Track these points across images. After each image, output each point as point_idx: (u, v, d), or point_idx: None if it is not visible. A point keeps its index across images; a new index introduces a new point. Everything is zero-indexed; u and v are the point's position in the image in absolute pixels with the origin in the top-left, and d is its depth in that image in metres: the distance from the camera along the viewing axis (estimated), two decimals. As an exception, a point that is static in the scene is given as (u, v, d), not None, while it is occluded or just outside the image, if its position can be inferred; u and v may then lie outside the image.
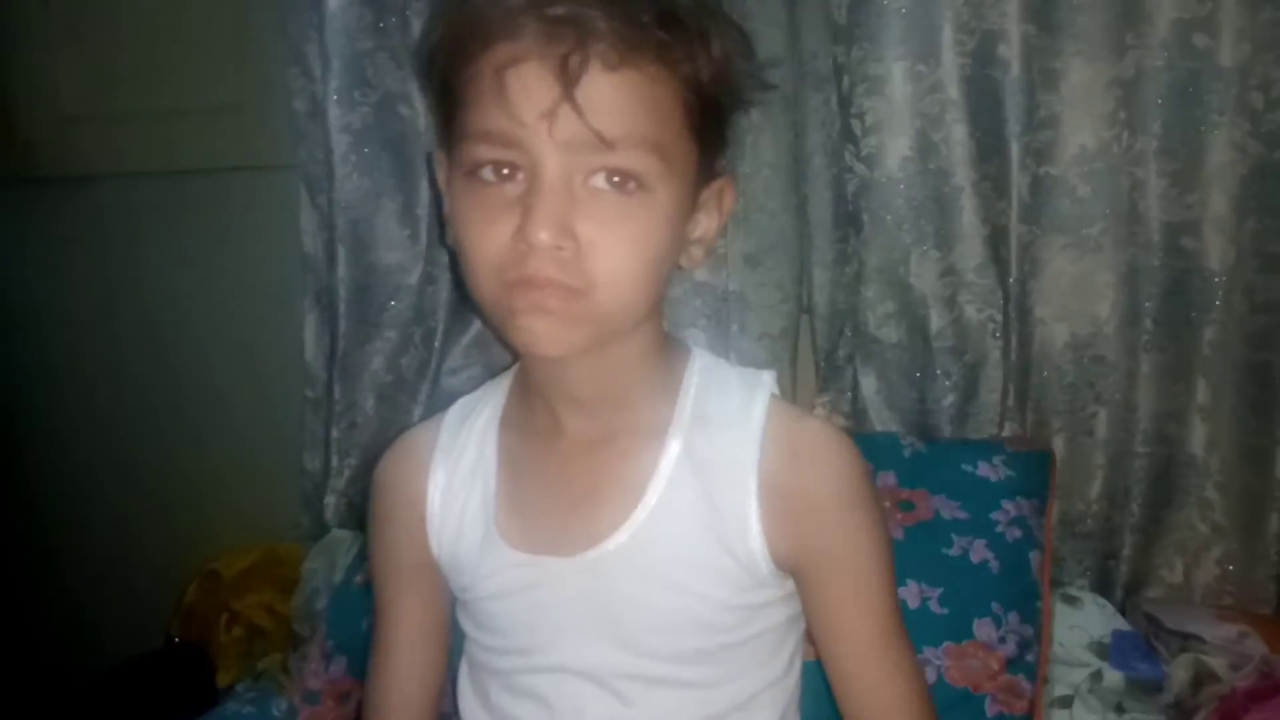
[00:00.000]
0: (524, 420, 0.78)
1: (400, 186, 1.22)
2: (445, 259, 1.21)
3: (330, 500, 1.28)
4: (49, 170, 1.48)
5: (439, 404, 1.21)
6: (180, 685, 1.21)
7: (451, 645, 0.83)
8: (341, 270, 1.23)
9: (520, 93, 0.63)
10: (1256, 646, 0.99)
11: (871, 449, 1.03)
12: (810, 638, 0.78)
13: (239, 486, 1.40)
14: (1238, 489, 1.06)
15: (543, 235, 0.62)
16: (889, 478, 1.01)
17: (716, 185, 0.73)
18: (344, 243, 1.22)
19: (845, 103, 1.07)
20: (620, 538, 0.71)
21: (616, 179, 0.65)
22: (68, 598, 1.51)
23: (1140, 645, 1.01)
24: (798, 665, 0.79)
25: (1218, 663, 0.99)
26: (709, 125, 0.69)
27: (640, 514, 0.71)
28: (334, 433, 1.26)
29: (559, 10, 0.62)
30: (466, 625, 0.80)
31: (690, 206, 0.70)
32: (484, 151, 0.65)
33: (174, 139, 1.40)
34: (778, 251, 1.15)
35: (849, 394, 1.16)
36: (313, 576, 1.21)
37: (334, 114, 1.19)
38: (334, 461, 1.26)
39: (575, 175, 0.64)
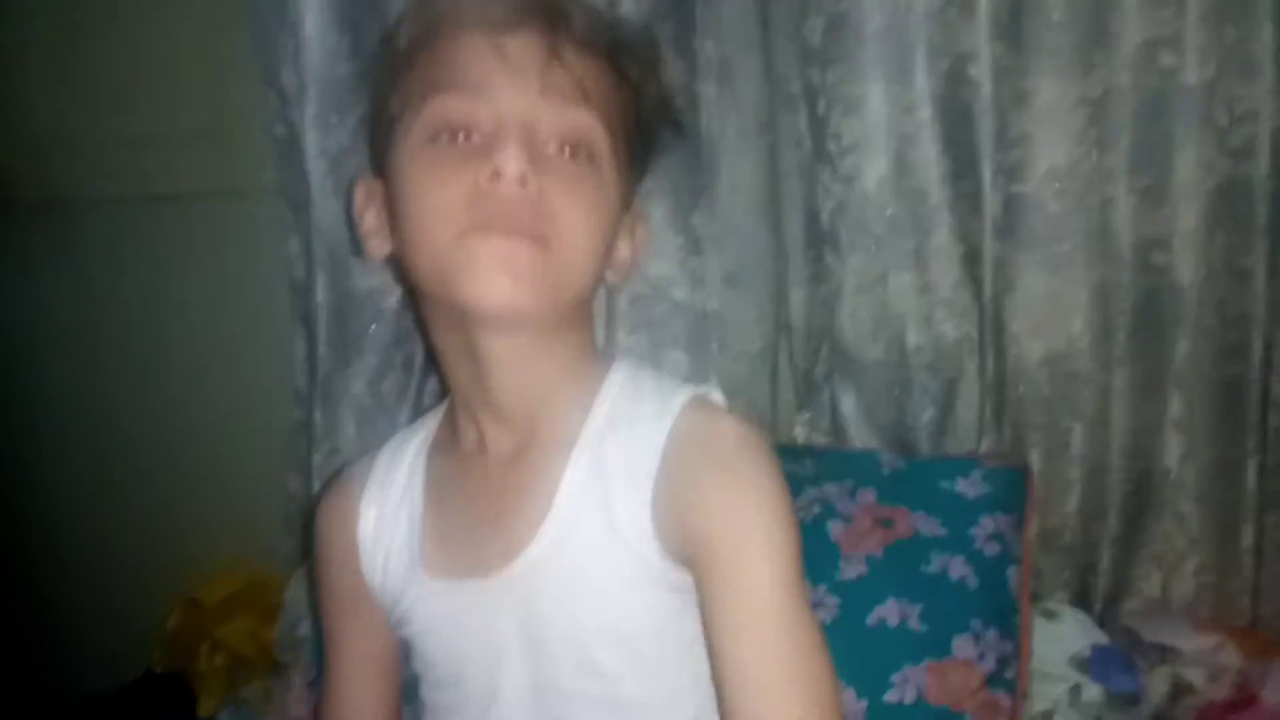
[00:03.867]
0: (451, 442, 0.79)
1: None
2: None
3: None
4: (23, 194, 1.47)
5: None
6: (161, 715, 1.20)
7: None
8: (320, 295, 1.22)
9: (497, 49, 0.66)
10: (1233, 657, 1.00)
11: (852, 466, 1.05)
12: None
13: (220, 512, 1.39)
14: (1212, 502, 1.08)
15: (511, 165, 0.64)
16: (869, 495, 1.01)
17: (633, 214, 0.76)
18: (322, 268, 1.22)
19: (821, 124, 1.08)
20: (533, 552, 0.71)
21: (571, 150, 0.68)
22: (47, 626, 1.50)
23: (1119, 658, 1.02)
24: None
25: (1195, 674, 1.00)
26: (641, 148, 0.74)
27: (550, 526, 0.70)
28: (316, 457, 1.26)
29: (541, 1, 0.69)
30: (415, 665, 0.80)
31: (620, 215, 0.73)
32: (451, 102, 0.67)
33: (149, 164, 1.39)
34: (755, 271, 1.16)
35: (828, 411, 1.17)
36: (295, 604, 1.20)
37: (310, 139, 1.18)
38: (315, 485, 1.26)
39: (537, 127, 0.67)
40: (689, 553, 0.68)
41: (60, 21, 1.41)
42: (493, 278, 0.65)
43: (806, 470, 1.04)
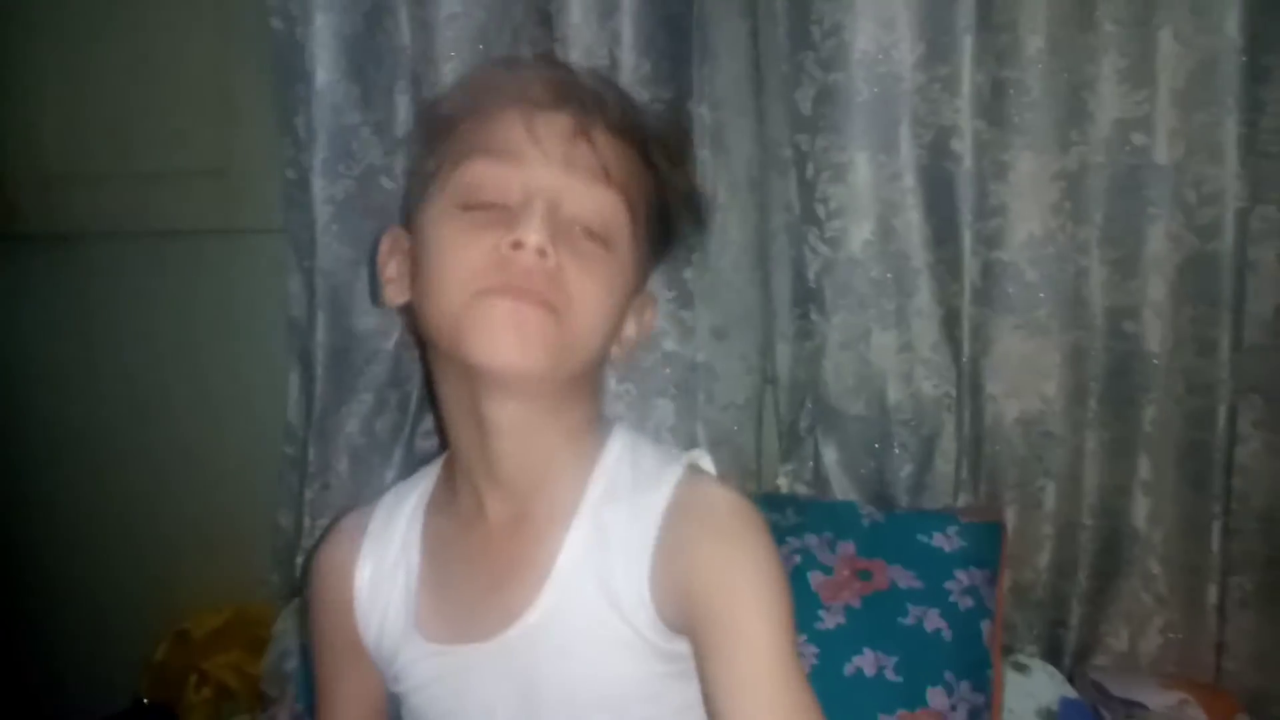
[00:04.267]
0: (449, 504, 0.80)
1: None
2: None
3: (300, 560, 1.29)
4: (34, 229, 1.49)
5: (412, 467, 1.25)
6: (147, 746, 1.21)
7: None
8: (320, 334, 1.25)
9: (531, 125, 0.70)
10: (1196, 715, 1.02)
11: (832, 517, 1.08)
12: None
13: (212, 545, 1.41)
14: (1179, 561, 1.11)
15: (534, 236, 0.67)
16: (848, 547, 1.05)
17: (644, 296, 0.79)
18: (323, 308, 1.25)
19: (810, 188, 1.12)
20: (530, 618, 0.72)
21: (591, 232, 0.71)
22: (38, 654, 1.50)
23: (1086, 713, 1.05)
24: None
25: (1160, 730, 1.03)
26: (660, 234, 0.77)
27: (548, 594, 0.72)
28: (307, 494, 1.28)
29: (572, 79, 0.73)
30: (404, 717, 0.82)
31: (631, 296, 0.76)
32: (482, 168, 0.70)
33: (158, 201, 1.43)
34: (743, 325, 1.19)
35: (811, 463, 1.20)
36: (283, 638, 1.22)
37: (318, 185, 1.22)
38: (306, 522, 1.27)
39: (561, 204, 0.69)
40: (688, 618, 0.70)
41: (72, 59, 1.44)
42: (503, 337, 0.67)
43: (789, 520, 1.07)
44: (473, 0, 1.12)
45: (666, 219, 0.77)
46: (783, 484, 1.22)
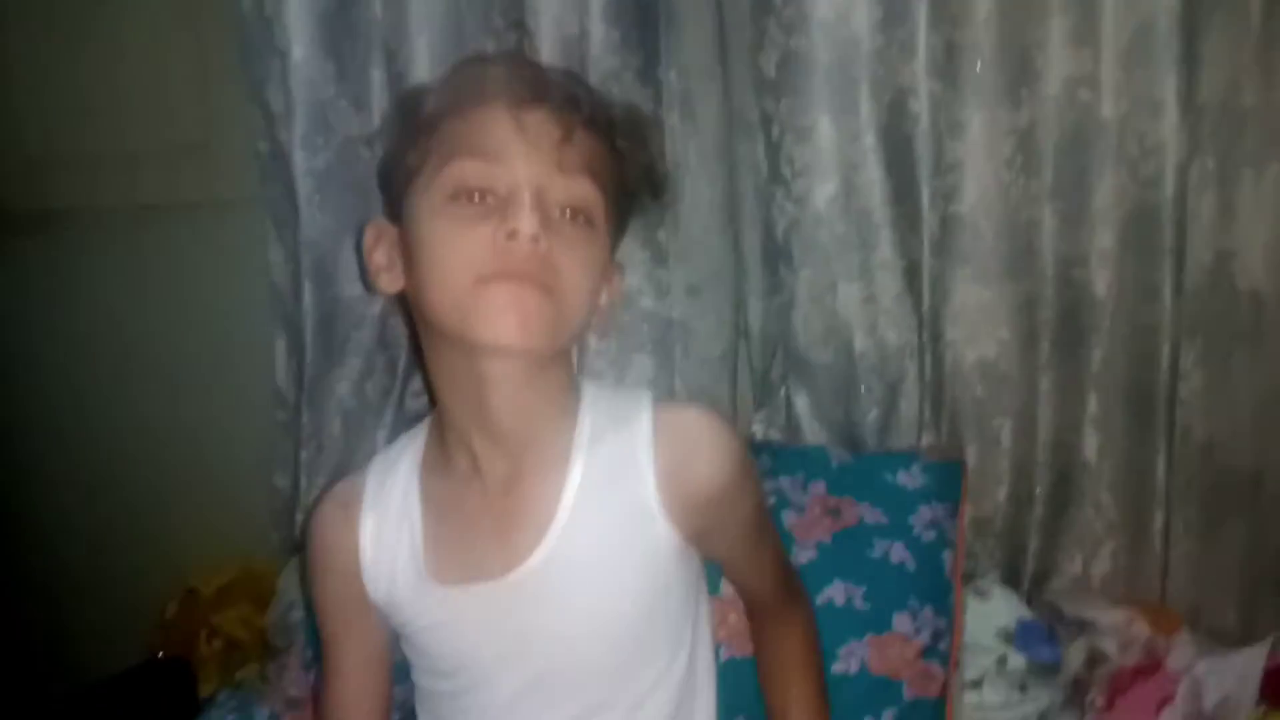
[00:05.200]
0: (443, 464, 0.85)
1: (362, 224, 1.28)
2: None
3: (300, 518, 1.34)
4: (17, 208, 1.51)
5: (402, 427, 1.30)
6: (165, 697, 1.27)
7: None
8: (307, 302, 1.29)
9: (517, 123, 0.75)
10: (1142, 630, 1.10)
11: (804, 461, 1.14)
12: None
13: (212, 507, 1.45)
14: (1127, 491, 1.18)
15: (527, 226, 0.73)
16: (819, 487, 1.11)
17: (612, 266, 0.85)
18: (309, 277, 1.28)
19: (776, 149, 1.16)
20: (539, 556, 0.79)
21: (572, 213, 0.77)
22: (56, 619, 1.55)
23: (1042, 632, 1.12)
24: (703, 659, 0.88)
25: (1109, 645, 1.10)
26: (626, 209, 0.84)
27: (554, 532, 0.79)
28: (303, 455, 1.32)
29: (547, 77, 0.78)
30: (411, 654, 0.88)
31: (606, 268, 0.82)
32: (471, 168, 0.75)
33: (140, 177, 1.45)
34: (716, 282, 1.24)
35: (783, 410, 1.26)
36: (287, 591, 1.27)
37: (298, 158, 1.24)
38: (303, 482, 1.32)
39: (547, 194, 0.75)
40: (703, 529, 0.83)
41: (50, 39, 1.45)
42: (506, 318, 0.73)
43: (763, 464, 1.12)
44: (444, -27, 1.15)
45: (631, 196, 0.84)
46: (757, 431, 1.27)
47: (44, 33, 1.45)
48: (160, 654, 1.38)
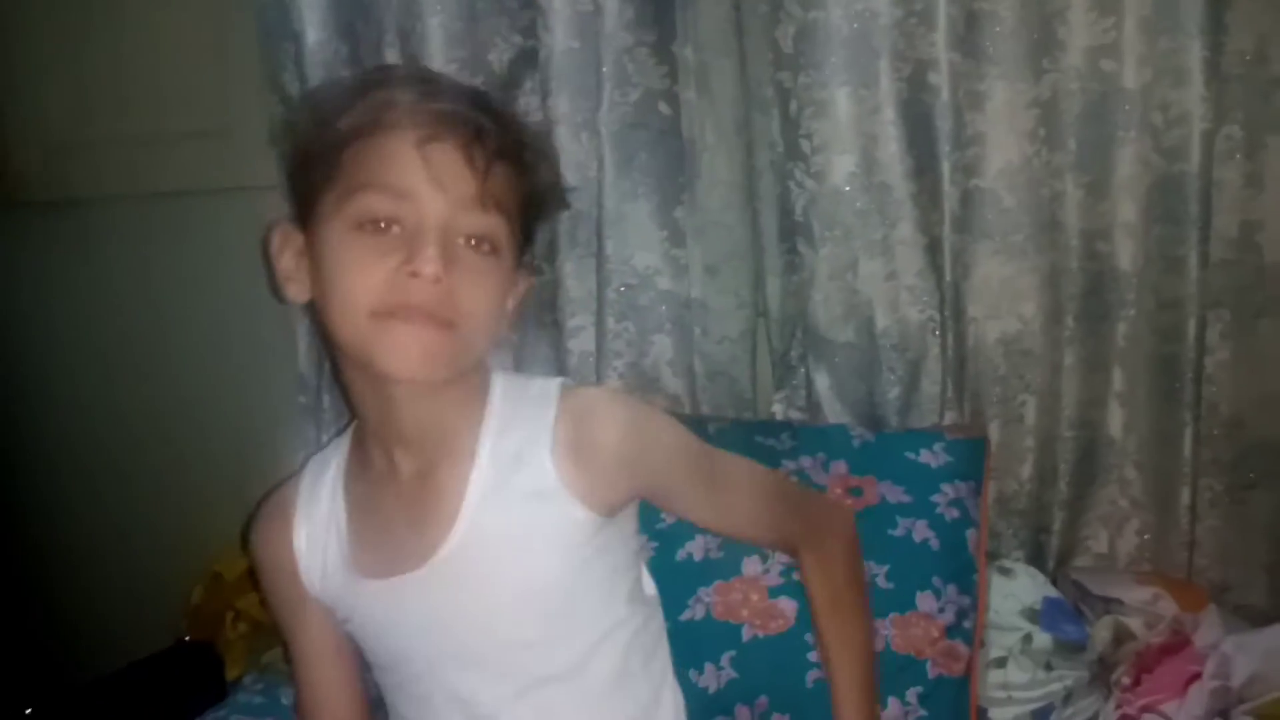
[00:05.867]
0: (364, 467, 0.89)
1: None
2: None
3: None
4: (39, 195, 1.53)
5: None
6: (192, 680, 1.29)
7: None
8: (327, 287, 1.30)
9: (423, 157, 0.76)
10: (1169, 607, 1.09)
11: (824, 440, 1.13)
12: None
13: (236, 492, 1.45)
14: (1152, 467, 1.17)
15: (429, 268, 0.74)
16: (841, 466, 1.10)
17: (521, 274, 0.86)
18: (329, 261, 1.29)
19: (793, 124, 1.16)
20: (451, 543, 0.82)
21: (476, 242, 0.78)
22: (84, 604, 1.57)
23: (1067, 610, 1.11)
24: (643, 609, 0.90)
25: (1135, 623, 1.08)
26: (531, 225, 0.85)
27: (462, 521, 0.82)
28: (324, 438, 1.33)
29: (455, 109, 0.78)
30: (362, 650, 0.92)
31: (511, 281, 0.84)
32: (378, 202, 0.76)
33: (160, 162, 1.46)
34: (734, 261, 1.24)
35: (803, 390, 1.25)
36: (311, 574, 1.28)
37: (315, 142, 1.25)
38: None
39: (452, 230, 0.76)
40: (626, 494, 0.86)
41: (68, 26, 1.46)
42: (406, 355, 0.76)
43: (784, 444, 1.12)
44: (455, -47, 1.15)
45: (537, 208, 0.86)
46: (777, 411, 1.27)
47: (64, 20, 1.46)
48: (187, 638, 1.39)
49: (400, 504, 0.85)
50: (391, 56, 1.23)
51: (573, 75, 1.17)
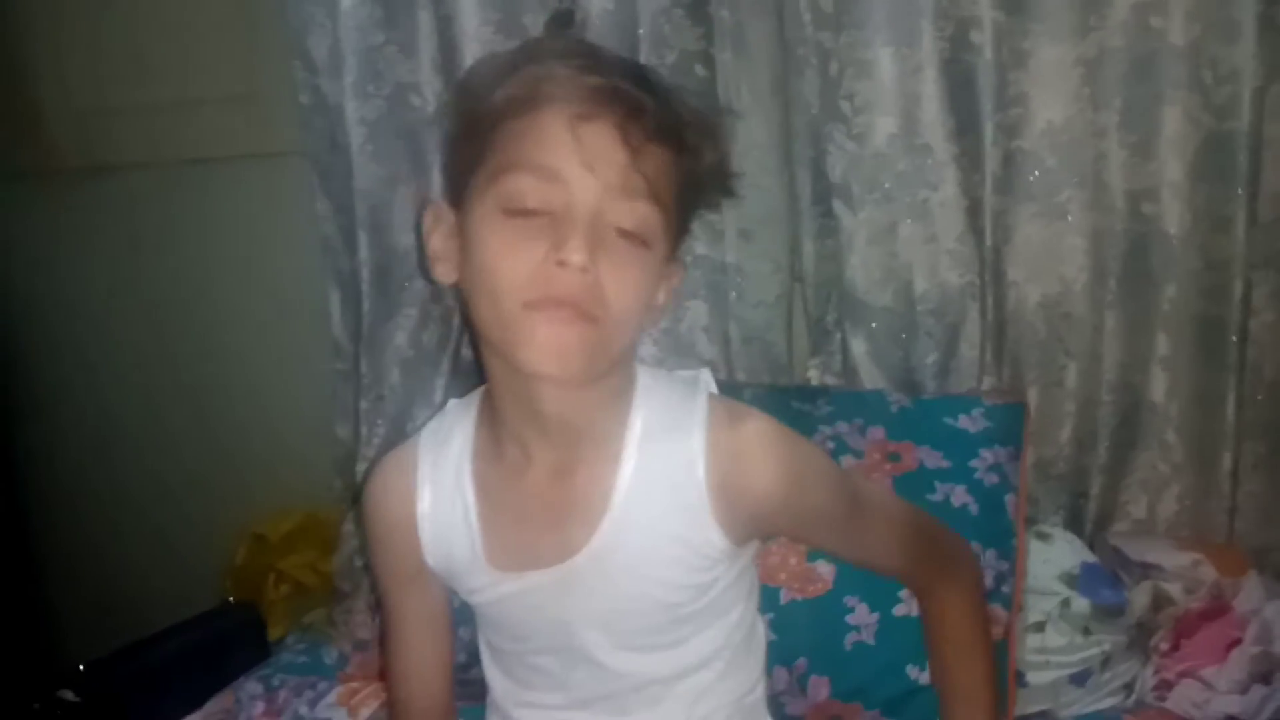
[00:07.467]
0: (494, 452, 0.85)
1: (414, 172, 1.28)
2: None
3: (361, 467, 1.35)
4: (71, 162, 1.53)
5: (459, 375, 1.31)
6: (237, 640, 1.31)
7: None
8: (363, 253, 1.30)
9: (575, 137, 0.72)
10: (1208, 572, 1.09)
11: (862, 406, 1.13)
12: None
13: (277, 456, 1.48)
14: (1194, 432, 1.16)
15: (577, 256, 0.71)
16: (878, 432, 1.10)
17: (672, 264, 0.82)
18: (364, 227, 1.29)
19: (834, 84, 1.14)
20: (590, 550, 0.80)
21: (628, 232, 0.74)
22: (130, 564, 1.60)
23: (1106, 575, 1.11)
24: (750, 618, 0.89)
25: (1174, 588, 1.09)
26: (687, 211, 0.81)
27: (605, 527, 0.80)
28: (363, 404, 1.34)
29: (611, 84, 0.73)
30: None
31: (662, 273, 0.80)
32: (525, 183, 0.73)
33: (191, 129, 1.46)
34: (770, 225, 1.23)
35: (839, 355, 1.24)
36: (351, 538, 1.30)
37: (350, 107, 1.25)
38: (364, 431, 1.34)
39: (602, 218, 0.73)
40: (767, 530, 0.86)
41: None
42: (547, 352, 0.73)
43: (820, 410, 1.12)
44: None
45: (696, 194, 0.81)
46: (813, 376, 1.26)
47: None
48: (231, 599, 1.42)
49: (537, 497, 0.83)
50: (425, 18, 1.23)
51: (609, 37, 1.15)
